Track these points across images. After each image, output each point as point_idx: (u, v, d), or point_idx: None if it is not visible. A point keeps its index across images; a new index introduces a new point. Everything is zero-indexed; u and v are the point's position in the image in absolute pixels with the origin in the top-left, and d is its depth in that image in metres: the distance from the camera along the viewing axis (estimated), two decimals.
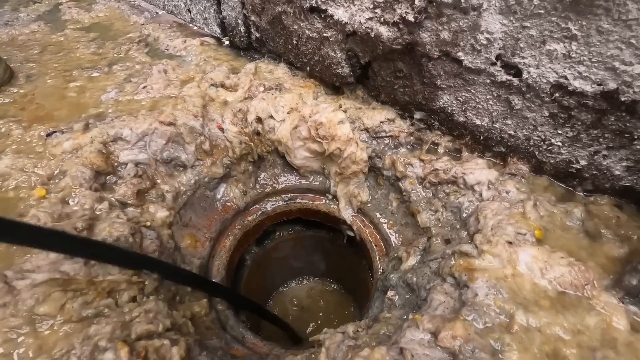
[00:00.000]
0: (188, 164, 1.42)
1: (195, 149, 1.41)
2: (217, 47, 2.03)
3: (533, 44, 0.97)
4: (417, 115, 1.40)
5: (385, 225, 1.46)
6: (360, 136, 1.41)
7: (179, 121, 1.39)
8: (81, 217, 1.11)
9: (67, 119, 1.50)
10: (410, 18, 1.11)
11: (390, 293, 1.19)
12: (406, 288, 1.15)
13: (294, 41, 1.60)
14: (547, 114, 1.06)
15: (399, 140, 1.41)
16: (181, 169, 1.43)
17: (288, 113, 1.44)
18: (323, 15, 1.38)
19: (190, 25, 2.30)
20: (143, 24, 2.32)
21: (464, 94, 1.20)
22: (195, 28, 2.26)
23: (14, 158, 1.28)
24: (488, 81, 1.12)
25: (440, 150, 1.36)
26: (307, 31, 1.49)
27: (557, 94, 1.00)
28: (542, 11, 0.91)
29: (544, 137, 1.11)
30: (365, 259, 1.61)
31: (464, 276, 0.92)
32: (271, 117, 1.45)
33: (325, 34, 1.42)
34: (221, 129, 1.47)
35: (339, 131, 1.34)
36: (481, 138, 1.26)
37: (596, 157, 1.05)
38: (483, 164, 1.21)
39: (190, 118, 1.42)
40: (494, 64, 1.07)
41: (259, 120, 1.47)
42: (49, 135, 1.38)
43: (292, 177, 1.63)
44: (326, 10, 1.34)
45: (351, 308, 2.16)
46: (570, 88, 0.96)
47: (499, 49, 1.03)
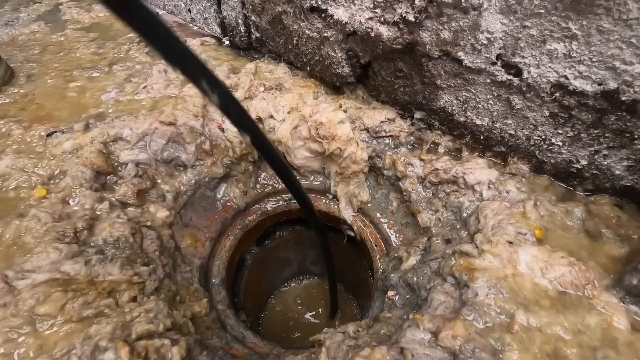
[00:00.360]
0: (188, 164, 1.42)
1: (196, 148, 1.41)
2: (218, 47, 2.03)
3: (533, 44, 0.97)
4: (418, 115, 1.40)
5: (386, 225, 1.46)
6: (360, 136, 1.41)
7: (180, 121, 1.39)
8: (81, 217, 1.11)
9: (67, 119, 1.50)
10: (411, 18, 1.11)
11: (390, 293, 1.19)
12: (406, 288, 1.15)
13: (294, 41, 1.60)
14: (547, 114, 1.06)
15: (399, 140, 1.41)
16: (181, 168, 1.43)
17: (288, 113, 1.44)
18: (323, 15, 1.37)
19: (191, 25, 2.30)
20: None
21: (464, 93, 1.20)
22: (196, 28, 2.26)
23: (14, 158, 1.28)
24: (488, 81, 1.12)
25: (441, 150, 1.36)
26: (307, 31, 1.49)
27: (557, 94, 1.00)
28: (542, 11, 0.91)
29: (544, 137, 1.11)
30: (366, 259, 1.61)
31: (465, 276, 0.92)
32: (271, 117, 1.45)
33: (326, 34, 1.42)
34: (221, 129, 1.48)
35: (339, 131, 1.34)
36: (481, 138, 1.26)
37: (596, 156, 1.05)
38: (483, 163, 1.21)
39: (190, 118, 1.42)
40: (494, 63, 1.07)
41: (259, 120, 1.47)
42: (49, 135, 1.38)
43: None
44: (326, 10, 1.34)
45: (352, 307, 2.16)
46: (570, 88, 0.96)
47: (500, 49, 1.03)
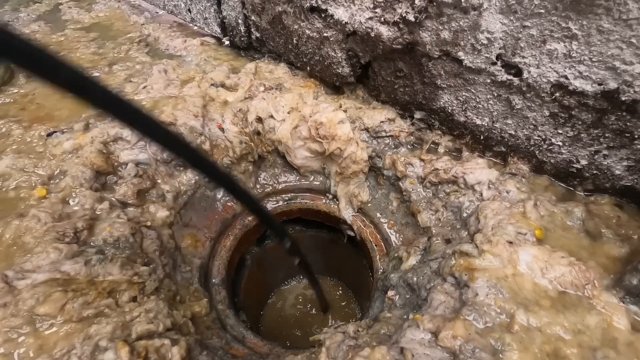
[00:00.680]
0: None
1: None
2: (218, 47, 2.03)
3: (533, 44, 0.97)
4: (418, 115, 1.40)
5: (386, 225, 1.46)
6: (360, 136, 1.41)
7: (180, 121, 1.39)
8: (82, 217, 1.11)
9: (67, 119, 1.50)
10: (411, 18, 1.11)
11: (390, 293, 1.19)
12: (406, 288, 1.15)
13: (294, 41, 1.60)
14: (547, 114, 1.06)
15: (399, 140, 1.41)
16: (181, 168, 1.43)
17: (288, 113, 1.44)
18: (323, 15, 1.37)
19: (191, 25, 2.30)
20: (143, 23, 2.32)
21: (464, 93, 1.20)
22: (196, 28, 2.26)
23: (14, 158, 1.28)
24: (488, 81, 1.12)
25: (441, 149, 1.36)
26: (307, 31, 1.49)
27: (557, 94, 1.00)
28: (542, 11, 0.91)
29: (544, 137, 1.11)
30: (366, 259, 1.61)
31: (465, 276, 0.92)
32: (271, 116, 1.45)
33: (326, 34, 1.42)
34: (221, 129, 1.48)
35: (339, 131, 1.34)
36: (481, 138, 1.26)
37: (597, 156, 1.05)
38: (483, 163, 1.21)
39: (190, 118, 1.42)
40: (494, 63, 1.07)
41: (259, 120, 1.47)
42: (49, 135, 1.38)
43: (293, 176, 1.63)
44: (326, 10, 1.34)
45: (352, 307, 2.16)
46: (570, 88, 0.96)
47: (500, 49, 1.03)
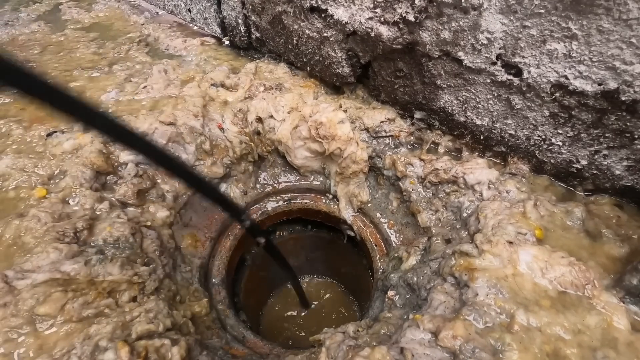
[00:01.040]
0: (189, 164, 1.42)
1: (196, 148, 1.41)
2: (218, 47, 2.03)
3: (533, 44, 0.97)
4: (418, 115, 1.40)
5: (386, 225, 1.46)
6: (360, 136, 1.41)
7: (180, 121, 1.39)
8: (81, 217, 1.11)
9: (67, 119, 1.50)
10: (411, 18, 1.11)
11: (390, 293, 1.19)
12: (406, 288, 1.15)
13: (294, 41, 1.60)
14: (547, 114, 1.06)
15: (399, 139, 1.41)
16: None
17: (288, 113, 1.44)
18: (323, 15, 1.37)
19: (191, 25, 2.30)
20: (143, 23, 2.32)
21: (464, 93, 1.20)
22: (196, 28, 2.26)
23: (14, 158, 1.28)
24: (488, 81, 1.12)
25: (441, 149, 1.36)
26: (307, 31, 1.49)
27: (557, 94, 1.00)
28: (542, 11, 0.91)
29: (544, 137, 1.11)
30: (366, 259, 1.61)
31: (465, 276, 0.92)
32: (271, 116, 1.45)
33: (326, 34, 1.42)
34: (221, 129, 1.48)
35: (339, 131, 1.34)
36: (481, 138, 1.26)
37: (597, 156, 1.05)
38: (483, 163, 1.21)
39: (190, 118, 1.42)
40: (494, 63, 1.07)
41: (259, 120, 1.47)
42: (49, 135, 1.38)
43: (293, 176, 1.63)
44: (326, 10, 1.34)
45: (352, 307, 2.16)
46: (570, 88, 0.96)
47: (500, 49, 1.03)
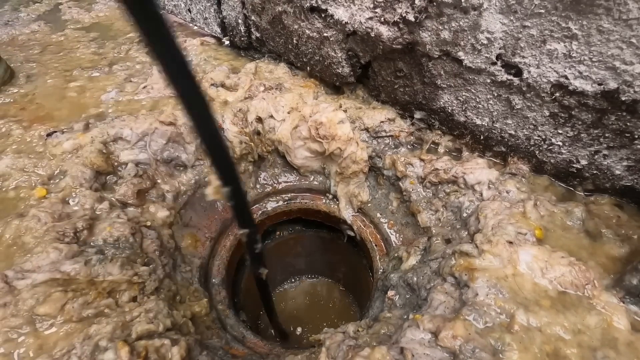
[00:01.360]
0: (188, 164, 1.42)
1: (196, 148, 1.41)
2: (217, 47, 2.03)
3: (533, 44, 0.97)
4: (418, 115, 1.40)
5: (386, 225, 1.46)
6: (360, 136, 1.41)
7: (180, 121, 1.39)
8: (81, 217, 1.11)
9: (67, 119, 1.50)
10: (411, 18, 1.11)
11: (390, 293, 1.19)
12: (406, 288, 1.15)
13: (294, 41, 1.60)
14: (547, 114, 1.06)
15: (399, 139, 1.41)
16: (182, 168, 1.43)
17: (288, 113, 1.44)
18: (323, 15, 1.37)
19: (191, 25, 2.30)
20: None
21: (464, 93, 1.20)
22: (196, 28, 2.26)
23: (14, 158, 1.28)
24: (488, 81, 1.12)
25: (441, 149, 1.36)
26: (307, 31, 1.49)
27: (557, 94, 1.00)
28: (542, 11, 0.91)
29: (544, 137, 1.11)
30: (366, 259, 1.61)
31: (465, 276, 0.92)
32: (271, 116, 1.45)
33: (326, 34, 1.42)
34: (221, 129, 1.47)
35: (339, 131, 1.34)
36: (481, 138, 1.26)
37: (597, 156, 1.05)
38: (483, 163, 1.21)
39: None
40: (494, 63, 1.07)
41: (259, 120, 1.47)
42: (49, 135, 1.38)
43: (293, 176, 1.63)
44: (326, 10, 1.34)
45: (352, 307, 2.16)
46: (570, 88, 0.96)
47: (500, 49, 1.03)
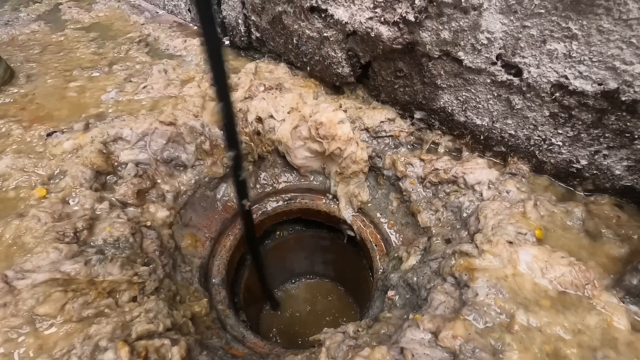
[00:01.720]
0: (188, 164, 1.42)
1: (196, 148, 1.41)
2: None
3: (533, 44, 0.97)
4: (418, 115, 1.40)
5: (386, 225, 1.46)
6: (360, 136, 1.41)
7: (180, 121, 1.39)
8: (81, 217, 1.11)
9: (67, 118, 1.50)
10: (411, 18, 1.11)
11: (390, 293, 1.19)
12: (407, 288, 1.15)
13: (294, 41, 1.60)
14: (547, 114, 1.06)
15: (399, 139, 1.41)
16: (181, 168, 1.43)
17: (288, 113, 1.44)
18: (323, 15, 1.37)
19: (191, 25, 2.30)
20: (143, 23, 2.32)
21: (464, 93, 1.20)
22: (196, 28, 2.26)
23: (14, 158, 1.28)
24: (488, 81, 1.12)
25: (441, 149, 1.36)
26: (307, 31, 1.49)
27: (557, 94, 1.00)
28: (542, 11, 0.91)
29: (544, 137, 1.11)
30: (366, 259, 1.61)
31: (465, 276, 0.92)
32: (271, 116, 1.45)
33: (326, 34, 1.42)
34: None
35: (339, 131, 1.34)
36: (481, 138, 1.26)
37: (597, 156, 1.05)
38: (483, 163, 1.21)
39: (190, 118, 1.42)
40: (494, 63, 1.07)
41: (259, 120, 1.47)
42: (49, 135, 1.38)
43: (293, 176, 1.63)
44: (326, 10, 1.34)
45: (351, 307, 2.17)
46: (570, 88, 0.96)
47: (500, 49, 1.03)
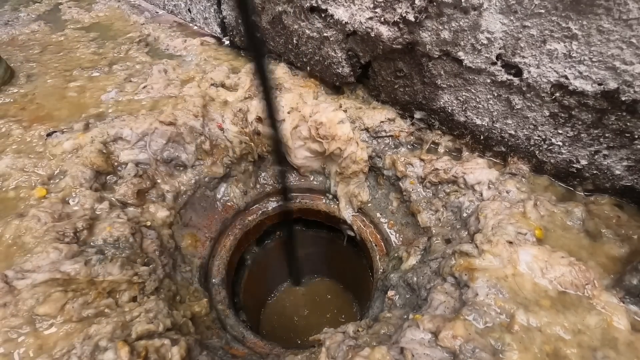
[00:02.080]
0: (188, 164, 1.42)
1: (196, 148, 1.41)
2: (218, 47, 2.03)
3: (533, 44, 0.97)
4: (418, 115, 1.40)
5: (386, 225, 1.46)
6: (360, 136, 1.41)
7: (180, 121, 1.39)
8: (81, 217, 1.11)
9: (67, 118, 1.50)
10: (411, 17, 1.11)
11: (390, 293, 1.19)
12: (407, 288, 1.15)
13: (294, 41, 1.60)
14: (547, 114, 1.06)
15: (399, 139, 1.41)
16: (181, 168, 1.43)
17: (288, 113, 1.44)
18: (323, 15, 1.37)
19: (191, 25, 2.30)
20: (143, 23, 2.32)
21: (464, 93, 1.20)
22: (196, 28, 2.26)
23: (14, 158, 1.28)
24: (488, 81, 1.12)
25: (441, 149, 1.36)
26: (307, 31, 1.49)
27: (557, 94, 1.00)
28: (542, 11, 0.91)
29: (544, 137, 1.11)
30: (366, 259, 1.61)
31: (465, 276, 0.92)
32: None
33: (326, 34, 1.42)
34: (221, 129, 1.47)
35: (339, 131, 1.34)
36: (481, 138, 1.26)
37: (597, 156, 1.05)
38: (483, 163, 1.21)
39: (190, 118, 1.42)
40: (494, 63, 1.07)
41: (259, 119, 1.47)
42: (49, 135, 1.38)
43: (293, 176, 1.63)
44: (326, 10, 1.34)
45: (351, 307, 2.16)
46: (570, 88, 0.96)
47: (500, 49, 1.03)
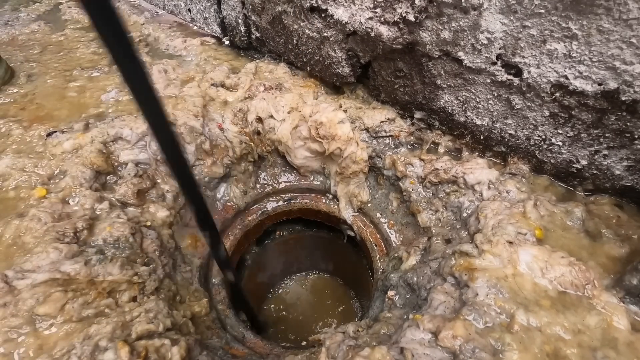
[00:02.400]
0: (188, 164, 1.42)
1: (196, 148, 1.41)
2: (218, 47, 2.03)
3: (533, 44, 0.97)
4: (418, 115, 1.40)
5: (386, 225, 1.46)
6: (360, 136, 1.41)
7: (179, 121, 1.39)
8: (81, 217, 1.11)
9: (67, 118, 1.50)
10: (411, 18, 1.11)
11: (390, 293, 1.19)
12: (407, 288, 1.15)
13: (294, 41, 1.60)
14: (547, 114, 1.06)
15: (399, 139, 1.41)
16: None
17: (288, 113, 1.44)
18: (323, 15, 1.37)
19: (191, 25, 2.30)
20: (143, 23, 2.32)
21: (464, 93, 1.20)
22: (196, 28, 2.26)
23: (14, 158, 1.28)
24: (488, 81, 1.12)
25: (441, 149, 1.36)
26: (307, 31, 1.49)
27: (557, 94, 1.00)
28: (542, 11, 0.91)
29: (544, 137, 1.11)
30: (366, 259, 1.61)
31: (465, 276, 0.92)
32: (271, 116, 1.45)
33: (326, 34, 1.42)
34: (221, 129, 1.47)
35: (339, 131, 1.34)
36: (482, 138, 1.26)
37: (597, 156, 1.05)
38: (483, 163, 1.21)
39: (190, 118, 1.42)
40: (494, 63, 1.07)
41: (259, 120, 1.47)
42: (49, 135, 1.38)
43: (293, 176, 1.63)
44: (326, 10, 1.34)
45: (352, 307, 2.16)
46: (570, 88, 0.96)
47: (500, 49, 1.03)
